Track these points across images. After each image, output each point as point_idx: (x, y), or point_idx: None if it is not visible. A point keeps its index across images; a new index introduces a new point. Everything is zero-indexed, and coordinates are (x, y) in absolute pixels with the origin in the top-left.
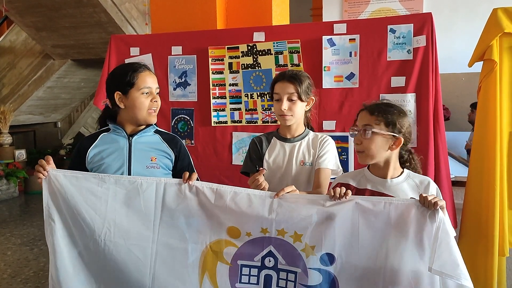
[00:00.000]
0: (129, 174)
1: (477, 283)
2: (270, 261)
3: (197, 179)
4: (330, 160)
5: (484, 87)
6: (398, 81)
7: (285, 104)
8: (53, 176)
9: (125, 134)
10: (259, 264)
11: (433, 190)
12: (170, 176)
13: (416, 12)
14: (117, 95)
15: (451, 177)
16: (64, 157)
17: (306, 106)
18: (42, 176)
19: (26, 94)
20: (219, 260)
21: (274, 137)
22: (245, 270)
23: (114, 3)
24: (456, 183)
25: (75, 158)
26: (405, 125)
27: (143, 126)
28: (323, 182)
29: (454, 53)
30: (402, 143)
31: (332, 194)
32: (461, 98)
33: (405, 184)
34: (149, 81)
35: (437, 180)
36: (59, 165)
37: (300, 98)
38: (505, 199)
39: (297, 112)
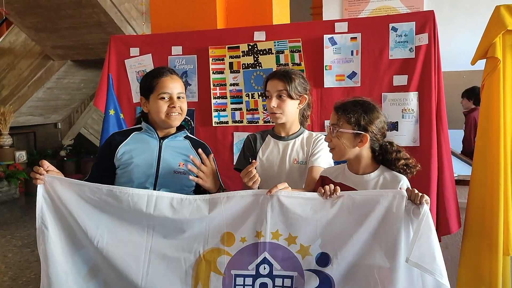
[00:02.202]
0: (156, 176)
1: (481, 283)
2: (265, 269)
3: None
4: (323, 158)
5: (488, 85)
6: (400, 79)
7: (274, 102)
8: (49, 182)
9: (157, 136)
10: (253, 272)
11: (404, 189)
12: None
13: (417, 10)
14: (141, 100)
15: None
16: (65, 158)
17: (298, 104)
18: (39, 181)
19: (26, 95)
20: (212, 270)
21: (269, 135)
22: (239, 280)
23: (113, 4)
24: (459, 182)
25: (104, 152)
26: (374, 122)
27: (174, 130)
28: (315, 180)
29: (455, 51)
30: (369, 140)
31: (323, 191)
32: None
33: (376, 180)
34: (169, 86)
35: (440, 179)
36: (59, 166)
37: (289, 96)
38: (509, 197)
39: (287, 110)
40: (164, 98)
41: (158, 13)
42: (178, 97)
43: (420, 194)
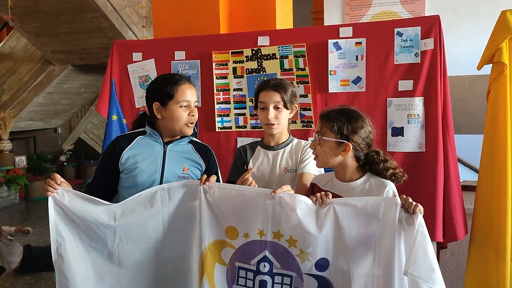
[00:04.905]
0: (161, 181)
1: None
2: (265, 266)
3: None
4: (312, 165)
5: (494, 90)
6: (405, 84)
7: (272, 113)
8: (61, 194)
9: (161, 141)
10: (254, 268)
11: (389, 195)
12: None
13: (418, 15)
14: (155, 105)
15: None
16: (65, 163)
17: (290, 113)
18: (49, 193)
19: (26, 100)
20: (216, 261)
21: (258, 146)
22: (242, 273)
23: (114, 8)
24: (465, 188)
25: (108, 156)
26: (358, 131)
27: (179, 136)
28: (306, 186)
29: (456, 56)
30: (352, 149)
31: (315, 199)
32: (464, 101)
33: (362, 187)
34: (188, 94)
35: (447, 185)
36: (59, 171)
37: (285, 106)
38: None
39: (282, 120)
40: (184, 106)
41: (161, 18)
42: (195, 106)
43: (414, 203)
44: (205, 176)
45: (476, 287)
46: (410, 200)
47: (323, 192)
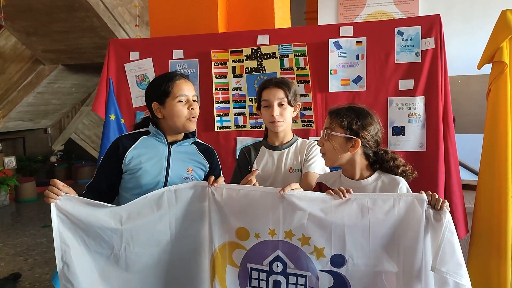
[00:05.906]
0: (165, 182)
1: None
2: (278, 266)
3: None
4: (317, 164)
5: (494, 90)
6: (406, 84)
7: (277, 110)
8: (63, 200)
9: (166, 141)
10: (267, 268)
11: (403, 191)
12: None
13: (412, 15)
14: (154, 105)
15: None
16: (55, 164)
17: (293, 112)
18: (52, 200)
19: (16, 100)
20: (228, 263)
21: (262, 146)
22: (255, 274)
23: (107, 8)
24: (465, 187)
25: (111, 156)
26: (367, 128)
27: (183, 135)
28: (311, 186)
29: (450, 56)
30: (360, 145)
31: (332, 193)
32: (457, 100)
33: (374, 185)
34: (185, 89)
35: (447, 184)
36: (50, 172)
37: (289, 103)
38: None
39: (287, 117)
40: (182, 101)
41: (158, 16)
42: (194, 100)
43: (441, 199)
44: (213, 177)
45: (477, 286)
46: (437, 196)
47: (342, 188)
